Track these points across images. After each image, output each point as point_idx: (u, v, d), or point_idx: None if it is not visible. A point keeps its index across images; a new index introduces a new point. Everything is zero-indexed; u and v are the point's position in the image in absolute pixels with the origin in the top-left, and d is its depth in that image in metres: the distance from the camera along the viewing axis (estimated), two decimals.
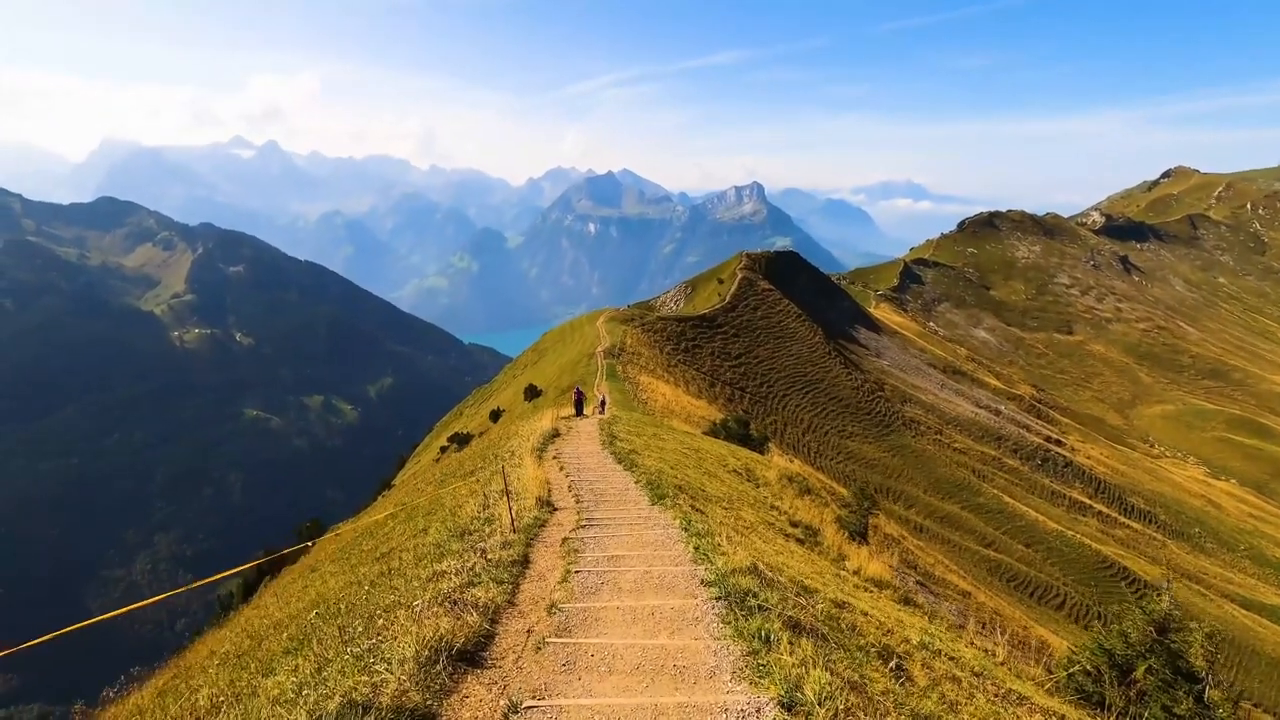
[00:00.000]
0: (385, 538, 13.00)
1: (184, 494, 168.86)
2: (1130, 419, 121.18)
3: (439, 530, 10.01)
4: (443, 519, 10.94)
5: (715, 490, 14.53)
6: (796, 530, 13.44)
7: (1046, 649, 15.50)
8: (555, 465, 15.40)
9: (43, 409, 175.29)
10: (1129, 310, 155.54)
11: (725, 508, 12.71)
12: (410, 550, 9.41)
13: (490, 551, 7.95)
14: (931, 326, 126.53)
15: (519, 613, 6.32)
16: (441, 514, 11.60)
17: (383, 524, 15.01)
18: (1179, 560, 63.77)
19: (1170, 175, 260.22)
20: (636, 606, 6.35)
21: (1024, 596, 44.16)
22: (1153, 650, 5.76)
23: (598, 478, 14.04)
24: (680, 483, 13.46)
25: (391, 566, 8.66)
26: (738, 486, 16.62)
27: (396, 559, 9.13)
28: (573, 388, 32.96)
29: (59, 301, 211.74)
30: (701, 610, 6.19)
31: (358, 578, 9.48)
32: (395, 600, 6.63)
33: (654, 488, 12.24)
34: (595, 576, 7.32)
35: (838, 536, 13.78)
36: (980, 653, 8.24)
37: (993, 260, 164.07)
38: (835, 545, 13.07)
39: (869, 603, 8.86)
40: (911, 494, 55.80)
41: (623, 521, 10.20)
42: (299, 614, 8.89)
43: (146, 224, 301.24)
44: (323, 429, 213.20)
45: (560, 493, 12.23)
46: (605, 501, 11.69)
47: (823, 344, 76.38)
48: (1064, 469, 77.83)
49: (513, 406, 50.05)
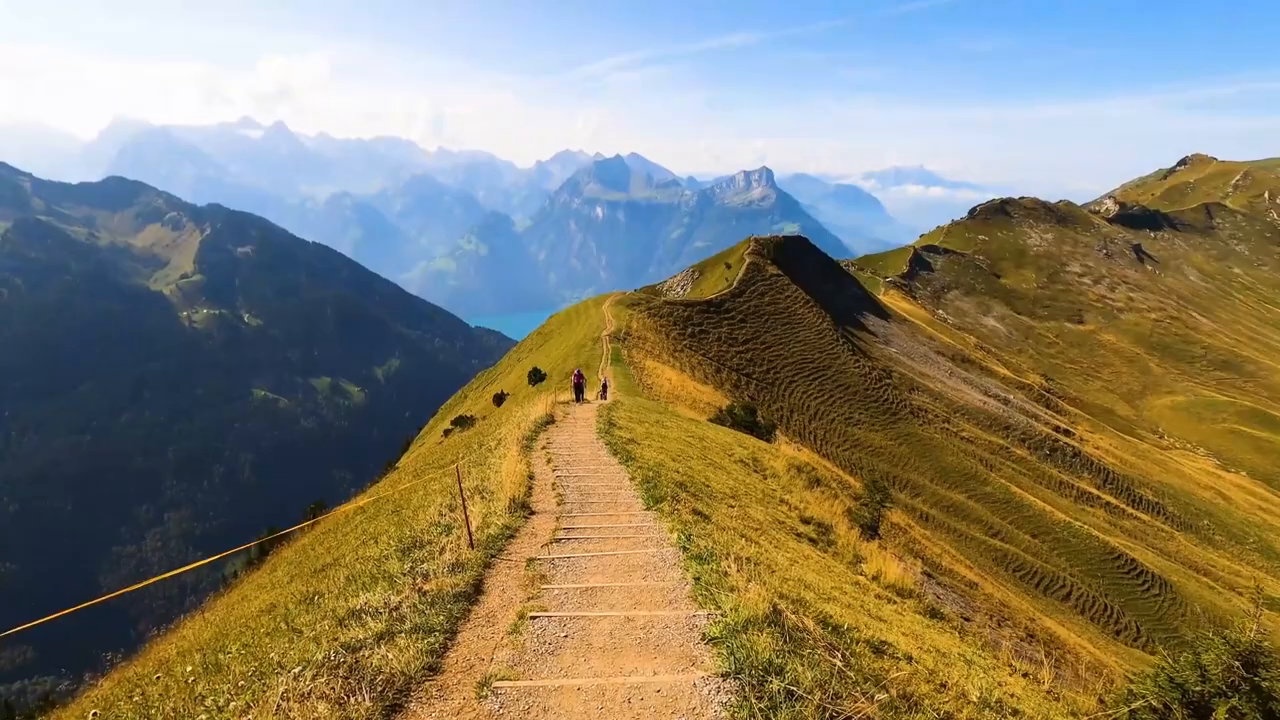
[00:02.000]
0: (339, 540, 11.71)
1: (194, 473, 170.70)
2: (1140, 410, 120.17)
3: (387, 540, 8.52)
4: (398, 524, 9.59)
5: (720, 485, 13.59)
6: (809, 528, 12.81)
7: (1103, 672, 14.72)
8: (543, 457, 14.05)
9: (55, 387, 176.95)
10: (1141, 300, 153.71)
11: (732, 505, 11.84)
12: (346, 567, 7.99)
13: (434, 577, 6.52)
14: (940, 314, 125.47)
15: (438, 692, 4.53)
16: (403, 515, 10.38)
17: (350, 518, 13.71)
18: (1187, 552, 63.38)
19: (1186, 163, 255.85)
20: (607, 686, 4.58)
21: (1030, 587, 43.97)
22: (1237, 688, 4.81)
23: (588, 472, 12.67)
24: (682, 479, 12.28)
25: (318, 590, 7.23)
26: (745, 479, 15.86)
27: (329, 578, 7.72)
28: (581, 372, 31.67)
29: (69, 281, 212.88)
30: (701, 699, 4.39)
31: (279, 601, 7.95)
32: (282, 656, 4.95)
33: (651, 486, 10.97)
34: (558, 624, 5.67)
35: (851, 534, 13.28)
36: (1027, 681, 7.55)
37: (1004, 248, 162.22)
38: (850, 545, 12.56)
39: (901, 628, 7.79)
40: (918, 482, 55.52)
41: (609, 534, 8.73)
42: (173, 660, 6.92)
43: (155, 204, 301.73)
44: (331, 410, 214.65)
45: (542, 492, 10.95)
46: (592, 503, 10.36)
47: (831, 330, 75.81)
48: (1072, 459, 77.29)
49: (517, 390, 49.93)
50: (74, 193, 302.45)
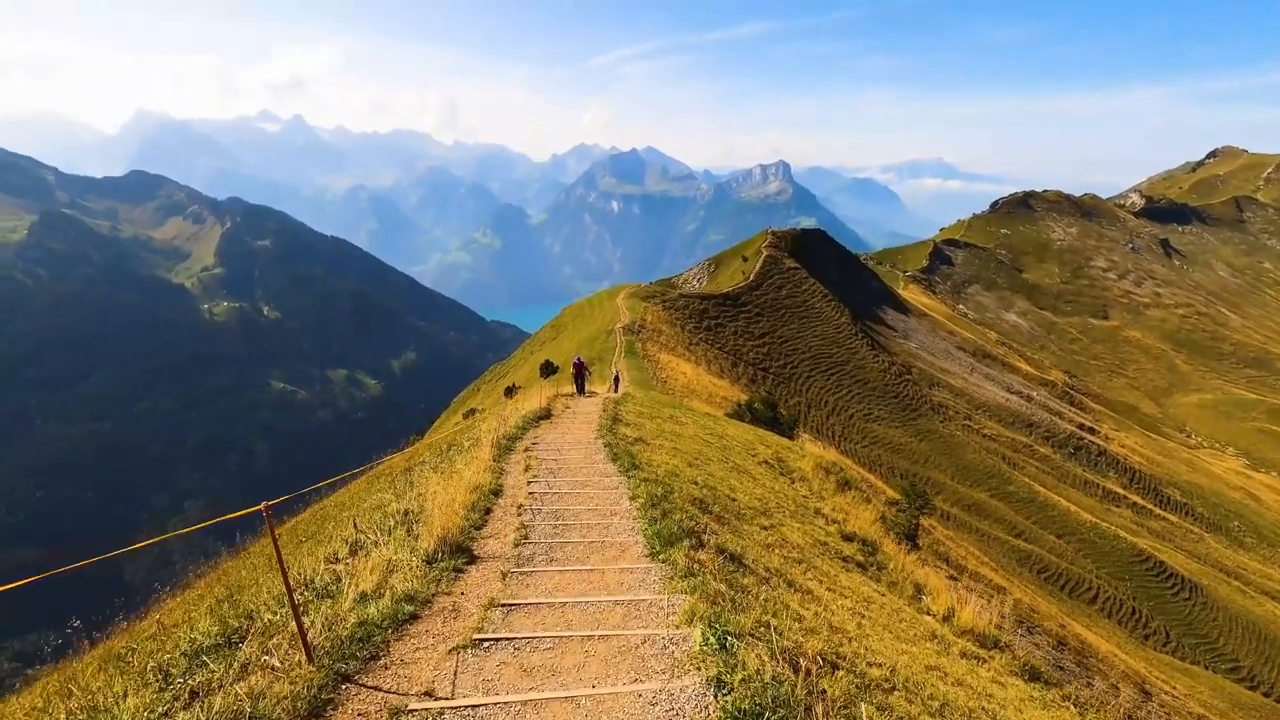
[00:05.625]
0: (236, 579, 9.29)
1: (212, 461, 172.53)
2: (1166, 408, 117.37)
3: (214, 617, 5.70)
4: (250, 578, 6.71)
5: (748, 495, 11.62)
6: (853, 547, 11.43)
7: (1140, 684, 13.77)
8: (522, 462, 11.20)
9: (76, 375, 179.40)
10: (1168, 295, 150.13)
11: (765, 526, 9.99)
12: (152, 655, 5.30)
13: None
14: (961, 309, 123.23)
15: None
16: (297, 550, 7.88)
17: (293, 529, 12.02)
18: (1217, 555, 61.52)
19: (1216, 155, 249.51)
20: None
21: (1055, 589, 42.64)
22: None
23: (575, 486, 9.91)
24: (701, 493, 9.93)
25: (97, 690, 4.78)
26: (772, 485, 14.09)
27: (125, 668, 5.30)
28: (585, 361, 28.32)
29: (91, 272, 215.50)
30: None
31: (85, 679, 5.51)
32: None
33: (658, 514, 8.00)
34: None
35: (899, 553, 12.09)
36: None
37: (1026, 242, 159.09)
38: (903, 568, 11.36)
39: None
40: (938, 480, 54.19)
41: (582, 617, 5.40)
42: None
43: (176, 197, 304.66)
44: (346, 402, 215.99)
45: (501, 519, 7.95)
46: (568, 543, 7.27)
47: (849, 325, 74.38)
48: (1097, 458, 75.40)
49: (528, 383, 49.26)
50: (97, 186, 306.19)
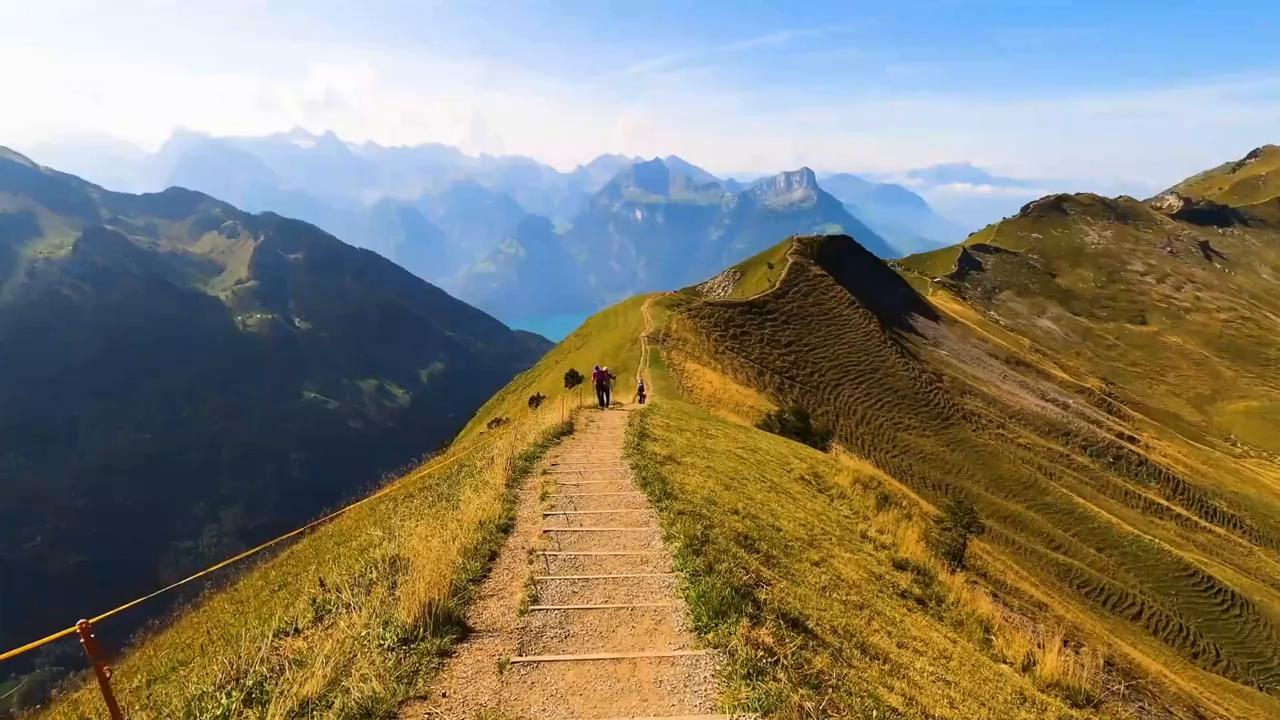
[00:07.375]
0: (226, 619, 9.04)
1: (248, 470, 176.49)
2: (1209, 415, 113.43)
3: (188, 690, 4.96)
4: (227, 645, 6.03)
5: (792, 523, 10.69)
6: (907, 577, 10.80)
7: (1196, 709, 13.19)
8: (538, 490, 9.95)
9: (118, 386, 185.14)
10: (1209, 299, 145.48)
11: (816, 562, 8.92)
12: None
13: None
14: (992, 315, 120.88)
15: None
16: (257, 609, 7.38)
17: (281, 565, 11.55)
18: (1269, 569, 59.10)
19: (1257, 155, 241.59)
20: None
21: (1097, 605, 41.32)
22: None
23: (599, 521, 8.56)
24: (744, 526, 8.75)
25: None
26: (813, 506, 13.30)
27: None
28: (607, 370, 26.78)
29: (132, 285, 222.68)
30: None
31: None
32: None
33: (700, 566, 6.43)
34: None
35: (957, 584, 11.52)
36: None
37: (1059, 246, 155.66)
38: (965, 603, 10.71)
39: None
40: (972, 491, 53.00)
41: None
42: None
43: (213, 213, 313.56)
44: (377, 411, 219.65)
45: (507, 569, 6.56)
46: (589, 610, 5.67)
47: (878, 332, 73.40)
48: (1138, 467, 73.13)
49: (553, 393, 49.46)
50: (138, 202, 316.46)
